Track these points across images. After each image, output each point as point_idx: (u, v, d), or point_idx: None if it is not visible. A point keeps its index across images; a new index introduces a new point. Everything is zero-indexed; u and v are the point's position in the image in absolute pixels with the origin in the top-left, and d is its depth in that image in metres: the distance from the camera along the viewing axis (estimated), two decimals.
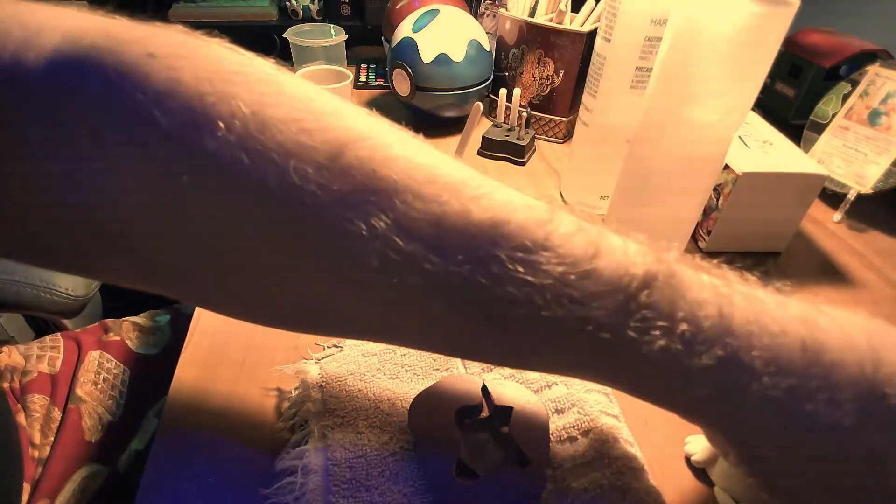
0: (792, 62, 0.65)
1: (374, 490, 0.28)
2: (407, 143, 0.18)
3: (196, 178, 0.17)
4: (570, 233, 0.18)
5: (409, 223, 0.17)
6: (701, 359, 0.17)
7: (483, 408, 0.31)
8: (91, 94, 0.16)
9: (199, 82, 0.16)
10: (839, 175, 0.52)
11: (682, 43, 0.35)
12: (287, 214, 0.17)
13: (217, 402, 0.32)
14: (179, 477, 0.29)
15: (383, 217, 0.17)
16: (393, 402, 0.32)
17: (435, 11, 0.61)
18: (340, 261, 0.17)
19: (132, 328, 0.53)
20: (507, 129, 0.62)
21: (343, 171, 0.17)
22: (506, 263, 0.17)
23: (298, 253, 0.18)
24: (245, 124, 0.16)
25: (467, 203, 0.17)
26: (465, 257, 0.17)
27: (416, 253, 0.17)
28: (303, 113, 0.17)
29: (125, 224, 0.18)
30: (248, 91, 0.17)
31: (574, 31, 0.58)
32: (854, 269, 0.47)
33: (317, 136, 0.17)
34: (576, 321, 0.17)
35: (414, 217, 0.17)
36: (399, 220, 0.17)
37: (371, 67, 0.83)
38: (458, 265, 0.17)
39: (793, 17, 0.32)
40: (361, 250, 0.17)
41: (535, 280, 0.17)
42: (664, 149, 0.40)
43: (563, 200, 0.55)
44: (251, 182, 0.16)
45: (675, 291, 0.17)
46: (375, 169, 0.17)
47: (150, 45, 0.17)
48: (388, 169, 0.17)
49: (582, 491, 0.27)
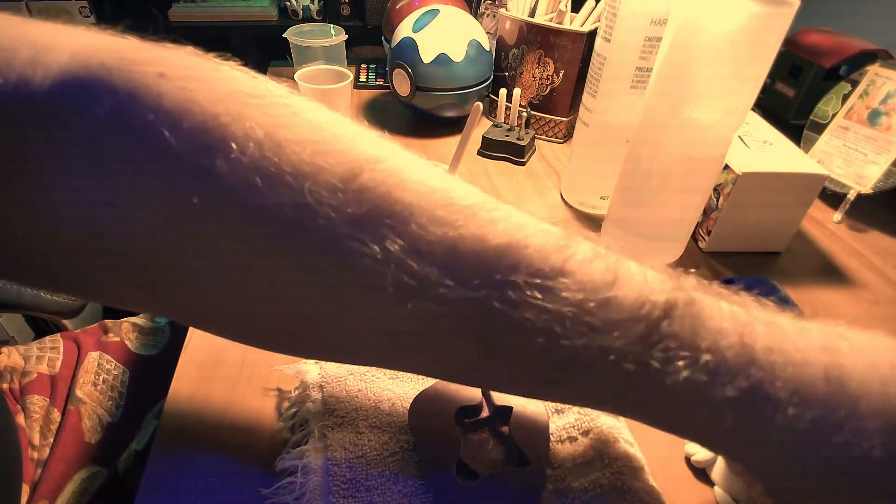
0: (792, 62, 0.65)
1: (374, 490, 0.28)
2: (421, 167, 0.18)
3: (207, 200, 0.16)
4: (588, 259, 0.17)
5: (424, 246, 0.16)
6: (725, 390, 0.17)
7: (483, 408, 0.31)
8: (100, 114, 0.16)
9: (213, 104, 0.16)
10: (839, 175, 0.52)
11: (682, 43, 0.35)
12: (301, 237, 0.17)
13: (217, 403, 0.32)
14: (179, 477, 0.28)
15: (398, 240, 0.16)
16: (393, 402, 0.32)
17: (435, 11, 0.61)
18: (355, 285, 0.17)
19: (132, 329, 0.53)
20: (507, 129, 0.62)
21: (358, 193, 0.16)
22: (523, 289, 0.16)
23: (312, 276, 0.17)
24: (259, 146, 0.16)
25: (483, 227, 0.17)
26: (481, 282, 0.17)
27: (430, 277, 0.16)
28: (317, 135, 0.17)
29: (129, 244, 0.18)
30: (263, 113, 0.17)
31: (574, 31, 0.58)
32: (854, 269, 0.47)
33: (331, 158, 0.17)
34: (597, 351, 0.17)
35: (429, 241, 0.16)
36: (414, 243, 0.16)
37: (371, 67, 0.83)
38: (474, 290, 0.17)
39: (793, 17, 0.32)
40: (376, 274, 0.17)
41: (554, 307, 0.16)
42: (664, 149, 0.40)
43: (564, 200, 0.55)
44: (265, 204, 0.16)
45: (697, 320, 0.17)
46: (390, 191, 0.17)
47: (161, 66, 0.17)
48: (403, 191, 0.17)
49: (582, 491, 0.27)
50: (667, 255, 0.46)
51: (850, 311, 0.42)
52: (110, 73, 0.16)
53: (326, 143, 0.17)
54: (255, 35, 1.67)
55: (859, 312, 0.42)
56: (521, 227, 0.17)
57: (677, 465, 0.30)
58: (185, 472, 0.29)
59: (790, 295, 0.40)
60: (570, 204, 0.54)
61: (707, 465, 0.30)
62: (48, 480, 0.39)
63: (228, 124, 0.16)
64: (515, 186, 0.57)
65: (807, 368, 0.17)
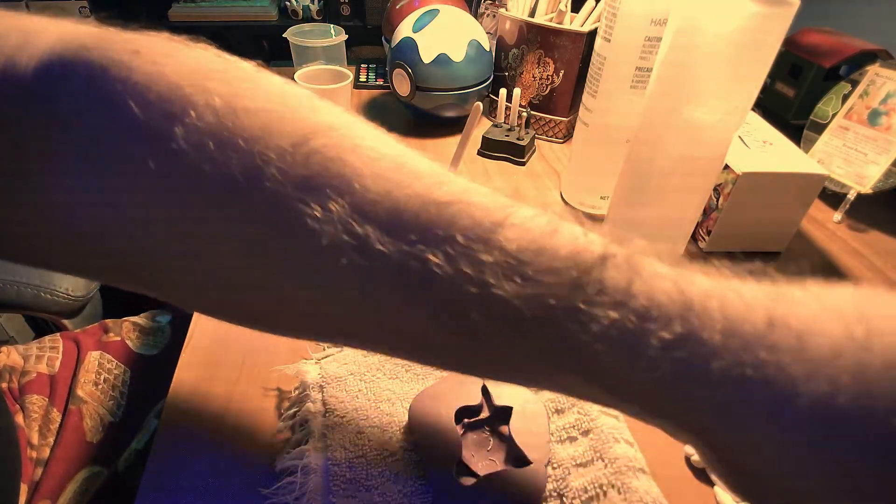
0: (792, 62, 0.65)
1: (374, 490, 0.28)
2: (377, 137, 0.18)
3: (161, 165, 0.17)
4: (530, 216, 0.17)
5: (367, 207, 0.16)
6: (657, 336, 0.15)
7: (483, 408, 0.31)
8: (76, 87, 0.17)
9: (180, 76, 0.17)
10: (839, 175, 0.52)
11: (682, 43, 0.35)
12: (248, 200, 0.17)
13: (217, 402, 0.32)
14: (179, 477, 0.28)
15: (340, 200, 0.16)
16: (393, 402, 0.32)
17: (435, 11, 0.61)
18: (297, 246, 0.17)
19: (132, 328, 0.53)
20: (507, 129, 0.62)
21: (306, 157, 0.17)
22: (462, 243, 0.16)
23: (258, 242, 0.18)
24: (216, 113, 0.16)
25: (429, 187, 0.17)
26: (419, 237, 0.16)
27: (370, 234, 0.16)
28: (276, 105, 0.17)
29: (96, 215, 0.18)
30: (226, 85, 0.17)
31: (574, 31, 0.58)
32: (854, 269, 0.47)
33: (287, 125, 0.17)
34: (527, 301, 0.16)
35: (372, 199, 0.17)
36: (357, 203, 0.16)
37: (371, 67, 0.83)
38: (410, 245, 0.16)
39: (793, 17, 0.32)
40: (318, 233, 0.17)
41: (489, 258, 0.16)
42: (664, 149, 0.40)
43: (564, 200, 0.55)
44: (215, 167, 0.17)
45: (633, 270, 0.16)
46: (341, 156, 0.17)
47: (136, 45, 0.18)
48: (354, 156, 0.17)
49: (582, 491, 0.27)
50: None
51: None
52: (89, 50, 0.17)
53: (285, 112, 0.17)
54: (255, 35, 1.67)
55: None
56: (468, 191, 0.17)
57: (677, 465, 0.30)
58: (185, 472, 0.29)
59: None
60: (571, 204, 0.54)
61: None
62: (50, 480, 0.39)
63: (191, 94, 0.17)
64: (515, 186, 0.57)
65: (750, 314, 0.15)
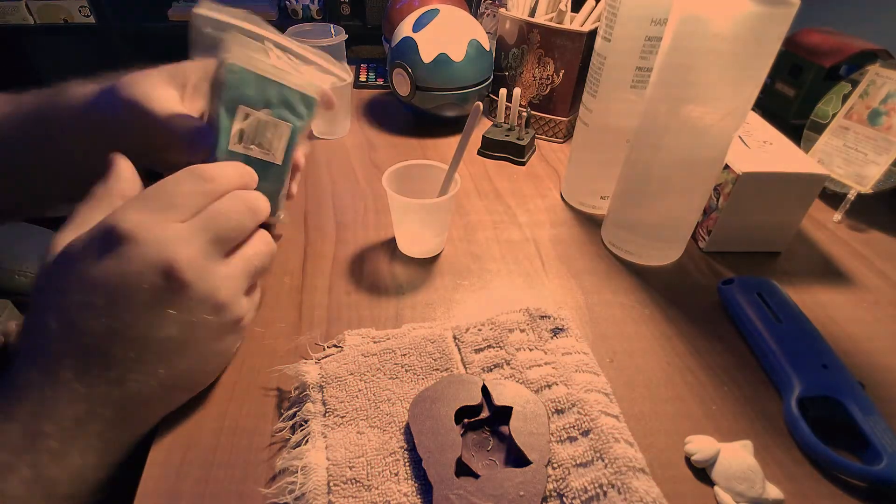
0: (792, 62, 0.65)
1: (374, 490, 0.28)
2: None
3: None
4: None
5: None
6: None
7: (483, 408, 0.31)
8: None
9: None
10: (839, 175, 0.52)
11: (682, 43, 0.35)
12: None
13: (217, 403, 0.32)
14: (179, 478, 0.29)
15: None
16: (393, 402, 0.32)
17: (435, 11, 0.61)
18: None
19: None
20: (507, 129, 0.62)
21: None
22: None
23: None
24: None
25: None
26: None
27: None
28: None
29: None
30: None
31: (574, 31, 0.58)
32: (854, 269, 0.47)
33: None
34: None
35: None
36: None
37: (371, 67, 0.83)
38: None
39: (793, 17, 0.32)
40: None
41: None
42: (664, 149, 0.40)
43: (564, 200, 0.55)
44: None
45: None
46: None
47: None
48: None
49: (582, 491, 0.27)
50: (667, 255, 0.46)
51: (851, 312, 0.42)
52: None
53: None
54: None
55: (860, 313, 0.42)
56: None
57: (677, 465, 0.30)
58: (185, 473, 0.29)
59: (790, 295, 0.40)
60: (571, 204, 0.54)
61: (707, 465, 0.30)
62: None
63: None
64: (515, 186, 0.57)
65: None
